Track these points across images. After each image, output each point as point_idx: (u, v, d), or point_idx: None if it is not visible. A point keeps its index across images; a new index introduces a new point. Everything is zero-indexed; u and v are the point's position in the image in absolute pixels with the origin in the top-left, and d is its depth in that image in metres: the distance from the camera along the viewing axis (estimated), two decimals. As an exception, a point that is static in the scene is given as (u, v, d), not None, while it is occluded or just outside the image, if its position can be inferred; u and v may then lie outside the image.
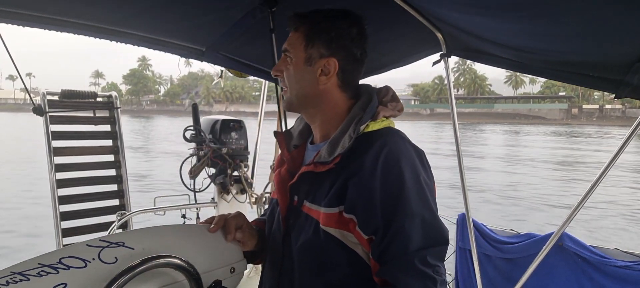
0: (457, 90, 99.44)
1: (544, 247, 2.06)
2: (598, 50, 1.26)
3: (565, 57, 1.40)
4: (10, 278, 0.88)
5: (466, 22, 1.47)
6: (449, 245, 1.02)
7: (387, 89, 1.19)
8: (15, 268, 0.89)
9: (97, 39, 2.04)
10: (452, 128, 2.20)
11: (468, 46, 1.83)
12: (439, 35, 1.83)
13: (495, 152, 27.66)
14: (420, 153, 1.06)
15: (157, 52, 2.31)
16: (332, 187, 1.03)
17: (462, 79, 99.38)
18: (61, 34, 1.96)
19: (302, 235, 1.08)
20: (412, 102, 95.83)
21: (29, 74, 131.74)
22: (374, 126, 1.07)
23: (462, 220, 3.40)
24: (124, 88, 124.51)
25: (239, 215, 1.21)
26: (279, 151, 1.28)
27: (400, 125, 1.17)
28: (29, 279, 0.90)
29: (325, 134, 1.15)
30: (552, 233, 2.19)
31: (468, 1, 1.19)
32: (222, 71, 3.22)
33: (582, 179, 17.66)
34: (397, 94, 1.23)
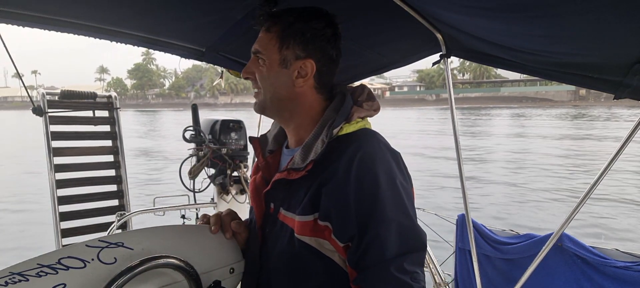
0: (463, 75, 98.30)
1: (544, 248, 2.06)
2: (597, 52, 1.27)
3: (565, 58, 1.40)
4: (10, 279, 0.88)
5: (466, 24, 1.47)
6: (449, 245, 1.03)
7: (362, 87, 1.15)
8: (14, 268, 0.89)
9: None
10: (452, 129, 2.20)
11: (468, 47, 1.84)
12: (439, 36, 1.83)
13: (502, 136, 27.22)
14: (396, 156, 1.03)
15: None
16: (306, 194, 1.01)
17: (467, 64, 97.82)
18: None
19: (278, 244, 1.06)
20: (418, 88, 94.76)
21: (34, 72, 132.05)
22: (348, 128, 1.04)
23: (461, 221, 3.40)
24: (129, 82, 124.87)
25: (231, 211, 1.21)
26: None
27: (406, 111, 1.16)
28: (28, 279, 0.90)
29: (300, 139, 1.12)
30: (551, 233, 2.18)
31: (468, 3, 1.19)
32: (222, 71, 3.22)
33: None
34: (402, 80, 1.22)
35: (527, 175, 15.14)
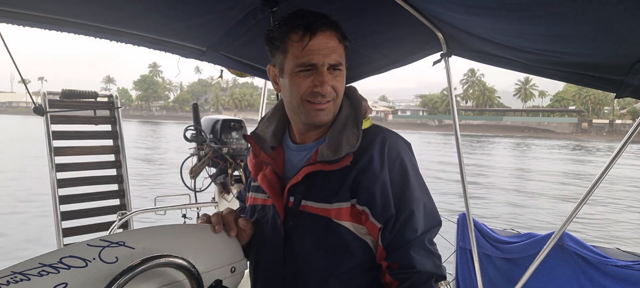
0: (466, 102, 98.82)
1: (545, 247, 2.06)
2: (599, 51, 1.26)
3: (566, 57, 1.40)
4: (11, 278, 0.88)
5: (467, 23, 1.47)
6: (450, 244, 1.08)
7: (355, 88, 1.24)
8: (15, 268, 0.89)
9: (109, 44, 2.10)
10: (453, 128, 2.20)
11: (468, 46, 1.83)
12: (440, 35, 1.83)
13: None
14: (409, 145, 1.17)
15: (167, 58, 2.36)
16: (342, 183, 1.08)
17: (470, 91, 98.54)
18: (75, 39, 1.98)
19: (310, 234, 1.10)
20: (421, 113, 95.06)
21: (41, 78, 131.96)
22: (365, 124, 1.16)
23: (462, 220, 3.40)
24: (134, 94, 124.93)
25: (231, 210, 1.21)
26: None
27: (410, 136, 1.22)
28: (29, 279, 0.90)
29: (319, 134, 1.17)
30: (552, 233, 2.19)
31: (468, 2, 1.19)
32: (221, 71, 3.22)
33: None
34: (405, 103, 1.30)
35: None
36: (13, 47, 2.13)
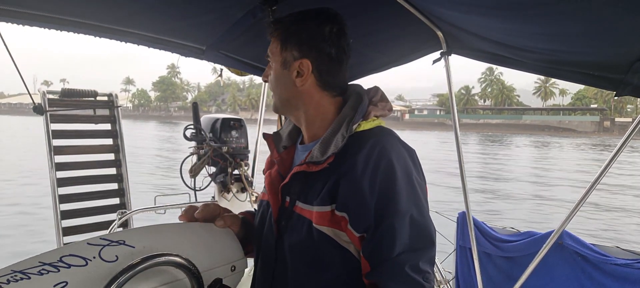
0: (484, 101, 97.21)
1: (544, 246, 2.06)
2: (598, 50, 1.26)
3: (566, 56, 1.40)
4: (11, 277, 0.88)
5: (466, 21, 1.47)
6: (449, 244, 1.04)
7: (376, 89, 1.18)
8: (15, 266, 0.90)
9: (128, 45, 2.09)
10: (453, 128, 2.20)
11: (468, 45, 1.84)
12: (439, 34, 1.83)
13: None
14: (411, 152, 1.07)
15: (184, 59, 2.36)
16: (324, 186, 1.03)
17: (489, 90, 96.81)
18: (97, 40, 1.99)
19: (295, 235, 1.08)
20: (438, 113, 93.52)
21: (62, 80, 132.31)
22: (365, 125, 1.08)
23: (462, 219, 3.40)
24: (152, 94, 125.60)
25: (214, 205, 1.21)
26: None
27: (426, 135, 1.18)
28: (30, 277, 0.90)
29: (314, 135, 1.15)
30: (552, 231, 2.19)
31: (468, 0, 1.19)
32: (221, 69, 3.21)
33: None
34: (422, 103, 1.25)
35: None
36: (35, 48, 2.14)
